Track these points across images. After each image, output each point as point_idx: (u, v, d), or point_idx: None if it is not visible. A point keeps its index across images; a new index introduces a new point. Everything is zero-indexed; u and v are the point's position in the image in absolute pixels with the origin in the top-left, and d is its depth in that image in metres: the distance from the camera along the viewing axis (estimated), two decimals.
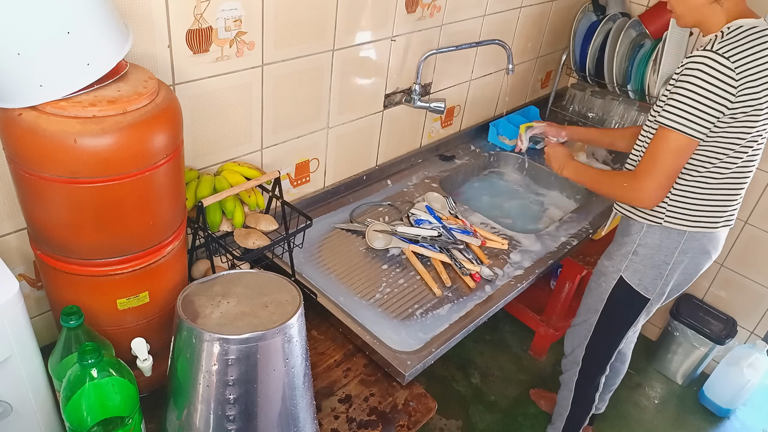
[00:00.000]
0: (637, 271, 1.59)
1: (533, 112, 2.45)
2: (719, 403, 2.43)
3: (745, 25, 1.31)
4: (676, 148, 1.35)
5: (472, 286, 1.53)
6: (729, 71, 1.27)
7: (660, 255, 1.55)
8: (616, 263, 1.63)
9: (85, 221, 0.90)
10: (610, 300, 1.67)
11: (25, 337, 0.91)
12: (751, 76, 1.28)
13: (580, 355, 1.83)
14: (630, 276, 1.61)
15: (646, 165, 1.40)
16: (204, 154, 1.40)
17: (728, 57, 1.27)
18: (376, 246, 1.60)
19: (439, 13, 1.81)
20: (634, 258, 1.58)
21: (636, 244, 1.57)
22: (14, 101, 0.83)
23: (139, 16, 1.12)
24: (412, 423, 1.22)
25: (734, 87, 1.28)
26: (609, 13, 2.35)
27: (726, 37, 1.31)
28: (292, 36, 1.42)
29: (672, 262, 1.54)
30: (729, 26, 1.33)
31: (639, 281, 1.60)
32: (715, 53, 1.28)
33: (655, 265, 1.56)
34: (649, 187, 1.40)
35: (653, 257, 1.56)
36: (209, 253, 1.31)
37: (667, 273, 1.56)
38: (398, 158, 2.00)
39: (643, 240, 1.56)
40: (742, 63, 1.28)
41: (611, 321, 1.72)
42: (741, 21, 1.33)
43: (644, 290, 1.61)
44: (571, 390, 1.90)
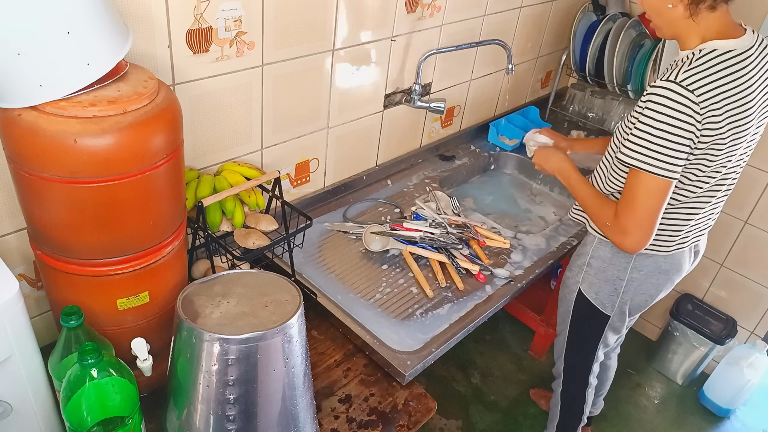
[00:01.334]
0: (593, 284, 1.56)
1: (533, 112, 2.45)
2: (719, 403, 2.43)
3: (718, 50, 1.23)
4: (655, 190, 1.27)
5: (465, 287, 1.53)
6: (693, 105, 1.18)
7: (612, 269, 1.51)
8: (575, 274, 1.61)
9: (85, 221, 0.90)
10: (575, 313, 1.65)
11: (25, 337, 0.91)
12: (713, 106, 1.20)
13: (561, 368, 1.82)
14: (587, 289, 1.58)
15: (627, 210, 1.31)
16: (204, 154, 1.40)
17: (692, 90, 1.18)
18: (373, 248, 1.60)
19: (439, 13, 1.81)
20: (589, 270, 1.56)
21: (589, 256, 1.55)
22: (14, 101, 0.83)
23: (139, 16, 1.12)
24: (412, 423, 1.22)
25: (699, 121, 1.20)
26: (609, 13, 2.35)
27: (693, 64, 1.22)
28: (292, 36, 1.42)
29: (626, 278, 1.51)
30: (701, 49, 1.24)
31: (596, 295, 1.57)
32: (677, 84, 1.19)
33: (609, 280, 1.53)
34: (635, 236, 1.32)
35: (606, 271, 1.52)
36: (209, 253, 1.31)
37: (622, 290, 1.53)
38: (398, 158, 2.00)
39: (595, 252, 1.53)
40: (705, 95, 1.19)
41: (580, 337, 1.70)
42: (716, 44, 1.24)
43: (602, 306, 1.57)
44: (558, 399, 1.89)
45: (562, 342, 1.77)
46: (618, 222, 1.33)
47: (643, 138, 1.24)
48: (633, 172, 1.28)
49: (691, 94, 1.18)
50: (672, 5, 1.25)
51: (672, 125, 1.20)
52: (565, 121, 2.54)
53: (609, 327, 1.62)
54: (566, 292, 1.66)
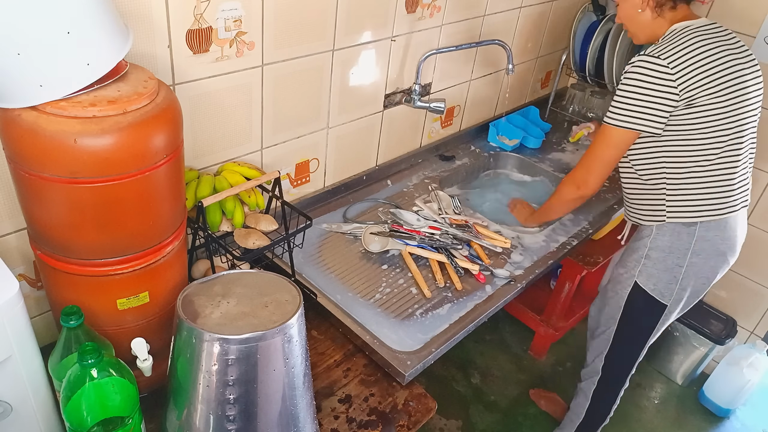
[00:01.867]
0: (651, 275, 1.58)
1: (533, 112, 2.45)
2: (719, 403, 2.43)
3: (677, 27, 1.43)
4: (614, 142, 1.48)
5: (465, 287, 1.53)
6: (663, 68, 1.37)
7: (672, 257, 1.54)
8: (630, 269, 1.62)
9: (85, 221, 0.90)
10: (627, 307, 1.66)
11: (25, 337, 0.91)
12: (688, 68, 1.37)
13: (600, 365, 1.80)
14: (644, 281, 1.60)
15: (584, 159, 1.55)
16: (204, 154, 1.40)
17: (660, 56, 1.38)
18: (372, 249, 1.60)
19: (439, 13, 1.81)
20: (647, 262, 1.58)
21: (647, 248, 1.57)
22: (14, 101, 0.83)
23: (139, 16, 1.12)
24: (412, 423, 1.22)
25: (673, 82, 1.37)
26: (609, 13, 2.35)
27: (661, 42, 1.42)
28: (292, 36, 1.42)
29: (685, 264, 1.54)
30: (671, 30, 1.44)
31: (654, 286, 1.59)
32: (648, 55, 1.39)
33: (669, 269, 1.56)
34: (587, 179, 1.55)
35: (665, 260, 1.55)
36: (209, 253, 1.31)
37: (681, 277, 1.56)
38: (398, 158, 2.00)
39: (653, 243, 1.56)
40: (674, 59, 1.37)
41: (630, 330, 1.70)
42: (675, 25, 1.44)
43: (660, 296, 1.59)
44: (587, 399, 1.88)
45: (605, 340, 1.76)
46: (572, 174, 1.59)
47: (615, 100, 1.45)
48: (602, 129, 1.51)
49: (659, 59, 1.38)
50: (641, 9, 1.47)
51: (642, 87, 1.39)
52: (565, 121, 2.54)
53: (664, 317, 1.64)
54: (618, 289, 1.67)
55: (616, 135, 1.47)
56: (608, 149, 1.50)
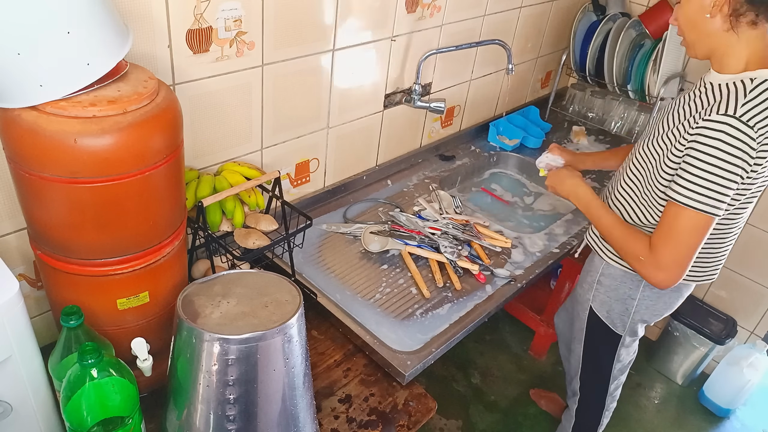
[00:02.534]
0: (604, 303, 1.53)
1: (533, 112, 2.45)
2: (719, 403, 2.43)
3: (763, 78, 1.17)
4: (697, 227, 1.22)
5: (465, 287, 1.53)
6: (751, 141, 1.14)
7: (623, 288, 1.48)
8: (585, 291, 1.58)
9: (85, 221, 0.90)
10: (588, 332, 1.62)
11: (25, 337, 0.91)
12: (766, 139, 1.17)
13: (577, 386, 1.78)
14: (598, 307, 1.56)
15: (665, 245, 1.25)
16: (204, 154, 1.40)
17: (752, 125, 1.13)
18: (372, 249, 1.59)
19: (439, 13, 1.81)
20: (599, 288, 1.53)
21: (599, 273, 1.52)
22: (14, 101, 0.83)
23: (139, 16, 1.12)
24: (412, 423, 1.22)
25: (753, 156, 1.16)
26: (609, 13, 2.35)
27: (749, 95, 1.15)
28: (292, 36, 1.42)
29: (638, 297, 1.47)
30: (753, 78, 1.17)
31: (607, 314, 1.54)
32: (738, 120, 1.13)
33: (620, 299, 1.50)
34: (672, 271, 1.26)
35: (617, 289, 1.49)
36: (209, 253, 1.31)
37: (633, 309, 1.49)
38: (398, 158, 2.00)
39: (605, 270, 1.50)
40: (762, 129, 1.15)
41: (595, 356, 1.67)
42: (765, 72, 1.17)
43: (612, 325, 1.55)
44: (572, 417, 1.85)
45: (576, 360, 1.72)
46: (655, 257, 1.26)
47: (692, 173, 1.18)
48: (676, 207, 1.22)
49: (750, 129, 1.14)
50: (710, 15, 1.18)
51: (728, 162, 1.15)
52: (565, 121, 2.54)
53: (621, 345, 1.59)
54: (579, 309, 1.63)
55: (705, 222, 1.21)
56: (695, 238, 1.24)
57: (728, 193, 1.18)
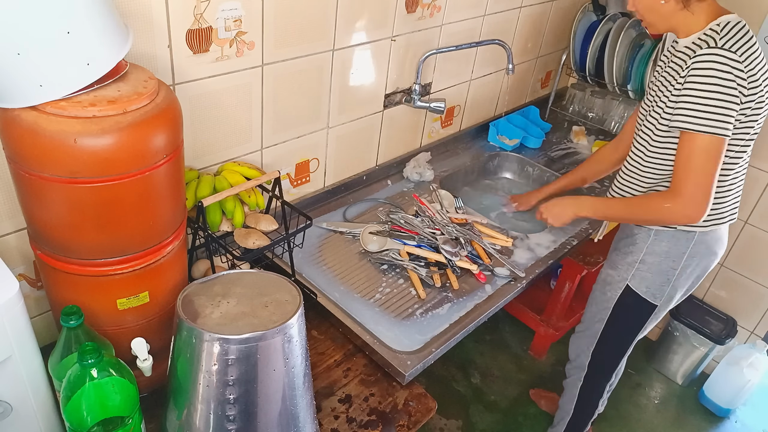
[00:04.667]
0: (645, 279, 1.57)
1: (533, 112, 2.45)
2: (719, 403, 2.43)
3: (731, 21, 1.30)
4: (711, 150, 1.29)
5: (465, 287, 1.53)
6: (739, 65, 1.25)
7: (668, 261, 1.53)
8: (622, 272, 1.61)
9: (85, 221, 0.90)
10: (616, 308, 1.65)
11: (25, 337, 0.91)
12: (753, 69, 1.28)
13: (586, 362, 1.81)
14: (637, 284, 1.59)
15: (686, 177, 1.32)
16: (204, 154, 1.40)
17: (736, 51, 1.25)
18: (371, 249, 1.59)
19: (439, 13, 1.81)
20: (641, 267, 1.56)
21: (643, 253, 1.55)
22: (14, 101, 0.83)
23: (139, 16, 1.12)
24: (412, 423, 1.22)
25: (745, 81, 1.26)
26: (609, 13, 2.34)
27: (722, 32, 1.28)
28: (292, 36, 1.42)
29: (680, 267, 1.53)
30: (718, 23, 1.31)
31: (647, 288, 1.58)
32: (723, 49, 1.25)
33: (663, 272, 1.54)
34: (698, 200, 1.32)
35: (660, 264, 1.54)
36: (209, 253, 1.31)
37: (674, 278, 1.54)
38: (398, 158, 2.00)
39: (650, 248, 1.53)
40: (747, 57, 1.27)
41: (618, 329, 1.70)
42: (724, 17, 1.31)
43: (652, 297, 1.59)
44: (574, 395, 1.89)
45: (590, 337, 1.75)
46: (681, 195, 1.33)
47: (695, 101, 1.27)
48: (688, 137, 1.30)
49: (734, 54, 1.25)
50: (664, 0, 1.32)
51: (725, 86, 1.25)
52: (565, 121, 2.54)
53: (654, 315, 1.63)
54: (607, 290, 1.65)
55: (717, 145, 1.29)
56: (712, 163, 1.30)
57: (731, 113, 1.26)
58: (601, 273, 1.70)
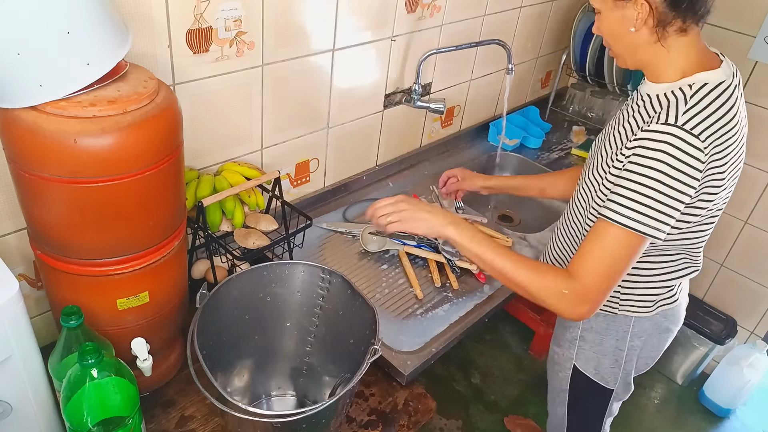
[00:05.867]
0: (590, 359, 1.38)
1: (533, 112, 2.45)
2: (719, 403, 2.43)
3: (710, 83, 1.05)
4: (635, 249, 1.06)
5: (465, 287, 1.53)
6: (698, 152, 1.00)
7: (609, 340, 1.33)
8: (566, 350, 1.43)
9: (85, 221, 0.90)
10: (572, 393, 1.47)
11: (25, 337, 0.91)
12: (716, 149, 1.03)
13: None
14: (583, 365, 1.40)
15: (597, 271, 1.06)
16: (204, 154, 1.40)
17: (698, 134, 1.00)
18: (370, 249, 1.59)
19: (439, 13, 1.81)
20: (582, 344, 1.38)
21: (580, 329, 1.37)
22: (14, 101, 0.83)
23: (139, 16, 1.12)
24: (412, 423, 1.22)
25: (701, 168, 1.01)
26: None
27: (690, 102, 1.03)
28: (292, 36, 1.42)
29: (626, 348, 1.33)
30: (691, 83, 1.06)
31: (595, 371, 1.39)
32: (682, 129, 1.00)
33: (608, 353, 1.35)
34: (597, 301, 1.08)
35: (602, 342, 1.34)
36: (209, 253, 1.31)
37: (624, 361, 1.35)
38: (398, 158, 2.00)
39: (586, 324, 1.35)
40: (709, 138, 1.02)
41: (581, 414, 1.52)
42: (704, 76, 1.06)
43: (603, 381, 1.39)
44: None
45: (559, 422, 1.57)
46: (582, 285, 1.07)
47: (632, 190, 1.03)
48: (605, 224, 1.06)
49: (696, 139, 1.00)
50: (635, 28, 1.06)
51: (673, 177, 1.00)
52: (565, 121, 2.54)
53: (613, 399, 1.45)
54: (557, 370, 1.48)
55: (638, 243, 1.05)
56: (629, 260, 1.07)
57: (672, 213, 1.02)
58: (550, 349, 1.52)
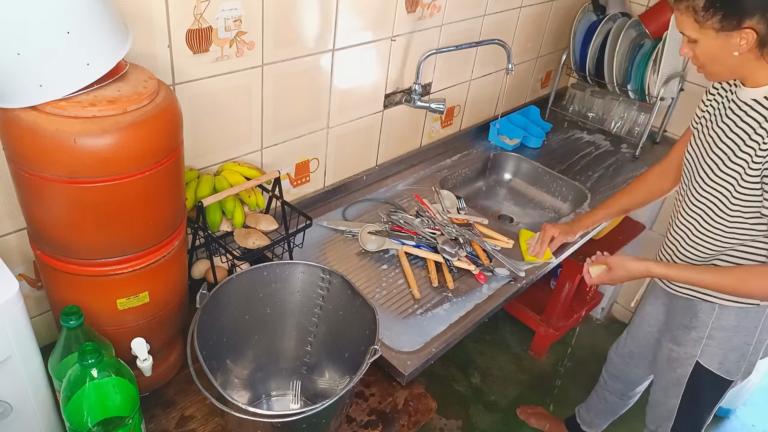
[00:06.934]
0: (716, 354, 1.45)
1: (533, 112, 2.45)
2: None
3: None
4: None
5: (464, 287, 1.53)
6: None
7: (739, 336, 1.41)
8: (689, 349, 1.49)
9: (85, 221, 0.90)
10: (689, 386, 1.53)
11: (25, 337, 0.91)
12: None
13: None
14: (708, 361, 1.47)
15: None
16: (204, 154, 1.40)
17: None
18: (369, 248, 1.59)
19: (439, 13, 1.81)
20: (710, 342, 1.45)
21: (709, 328, 1.43)
22: (14, 101, 0.83)
23: (139, 16, 1.12)
24: (412, 423, 1.22)
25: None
26: (609, 13, 2.35)
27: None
28: (292, 36, 1.42)
29: (754, 341, 1.41)
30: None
31: (720, 365, 1.46)
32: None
33: (736, 348, 1.43)
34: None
35: (732, 340, 1.42)
36: (209, 253, 1.31)
37: (750, 353, 1.43)
38: (398, 158, 2.00)
39: (716, 323, 1.42)
40: None
41: (695, 406, 1.58)
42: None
43: (727, 374, 1.47)
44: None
45: (667, 411, 1.62)
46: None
47: None
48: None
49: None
50: (738, 53, 1.17)
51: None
52: (565, 121, 2.54)
53: (731, 388, 1.52)
54: (674, 366, 1.54)
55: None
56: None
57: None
58: (665, 347, 1.58)
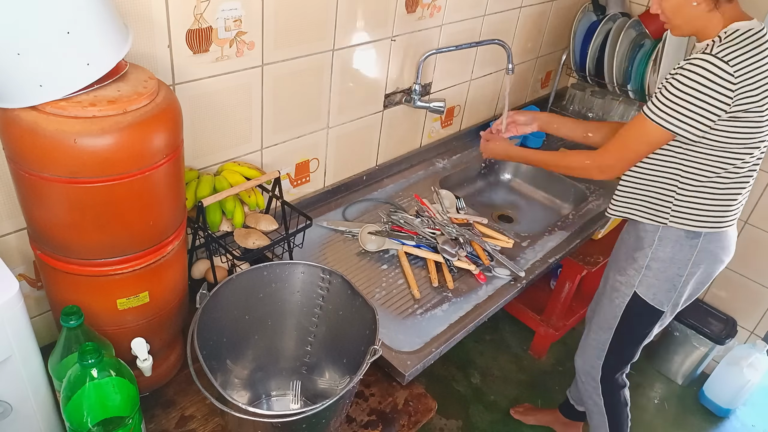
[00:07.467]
0: (651, 285, 1.56)
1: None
2: (719, 403, 2.43)
3: (741, 29, 1.31)
4: (651, 140, 1.39)
5: (464, 287, 1.53)
6: (727, 75, 1.26)
7: (673, 268, 1.52)
8: (630, 278, 1.59)
9: (85, 221, 0.90)
10: (624, 316, 1.63)
11: (25, 337, 0.91)
12: (749, 79, 1.27)
13: (598, 377, 1.77)
14: (644, 291, 1.58)
15: (616, 145, 1.45)
16: (204, 154, 1.40)
17: (727, 61, 1.26)
18: (369, 248, 1.59)
19: (439, 13, 1.81)
20: (647, 273, 1.56)
21: (648, 258, 1.54)
22: (14, 101, 0.83)
23: (139, 16, 1.12)
24: (412, 423, 1.22)
25: (732, 91, 1.27)
26: (609, 13, 2.35)
27: (724, 40, 1.29)
28: (292, 36, 1.42)
29: (685, 274, 1.53)
30: (725, 30, 1.32)
31: (653, 296, 1.57)
32: (714, 56, 1.27)
33: (668, 279, 1.54)
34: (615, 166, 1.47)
35: (666, 270, 1.53)
36: (209, 253, 1.31)
37: (680, 285, 1.54)
38: (398, 158, 2.00)
39: (655, 254, 1.53)
40: (741, 67, 1.26)
41: (626, 337, 1.68)
42: (737, 24, 1.32)
43: (659, 304, 1.58)
44: (603, 415, 1.83)
45: (599, 347, 1.72)
46: (603, 159, 1.48)
47: (663, 95, 1.33)
48: (639, 119, 1.39)
49: (725, 65, 1.26)
50: (696, 2, 1.31)
51: (700, 91, 1.28)
52: None
53: (660, 321, 1.63)
54: (614, 297, 1.64)
55: (655, 133, 1.36)
56: (642, 145, 1.41)
57: (697, 119, 1.30)
58: (609, 279, 1.68)
